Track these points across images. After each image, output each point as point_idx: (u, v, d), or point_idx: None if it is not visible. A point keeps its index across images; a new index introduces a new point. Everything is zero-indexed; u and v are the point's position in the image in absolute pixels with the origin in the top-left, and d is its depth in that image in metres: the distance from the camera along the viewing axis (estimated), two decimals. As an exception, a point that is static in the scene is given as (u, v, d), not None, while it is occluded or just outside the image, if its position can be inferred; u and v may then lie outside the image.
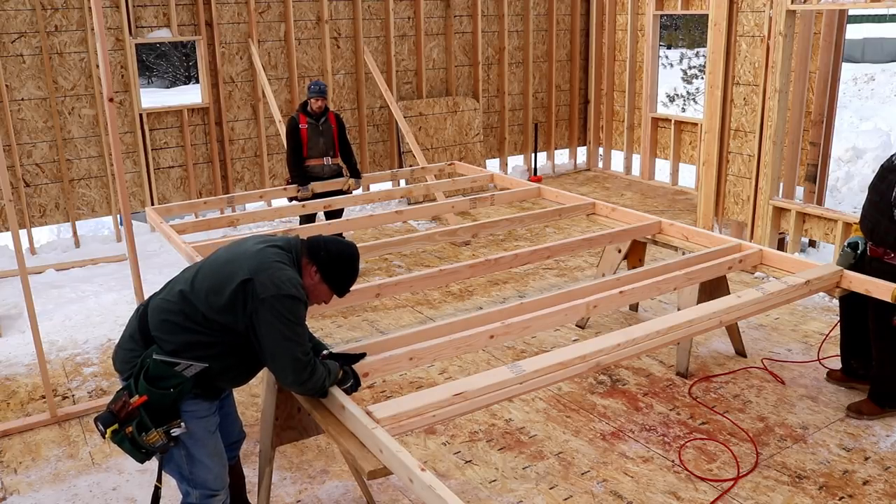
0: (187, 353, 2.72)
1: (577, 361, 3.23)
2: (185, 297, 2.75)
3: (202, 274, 2.79)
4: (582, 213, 5.68)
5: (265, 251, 2.77)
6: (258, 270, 2.67)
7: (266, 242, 2.84)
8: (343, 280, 2.89)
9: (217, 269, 2.78)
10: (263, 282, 2.64)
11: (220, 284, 2.70)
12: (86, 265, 7.08)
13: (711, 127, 7.11)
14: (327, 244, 2.86)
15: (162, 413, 2.69)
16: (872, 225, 4.01)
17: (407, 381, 4.72)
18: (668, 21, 24.50)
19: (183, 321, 2.72)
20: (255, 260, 2.72)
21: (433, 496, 2.32)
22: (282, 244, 2.84)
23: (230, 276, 2.70)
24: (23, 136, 7.15)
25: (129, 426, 2.65)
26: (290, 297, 2.66)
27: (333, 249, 2.85)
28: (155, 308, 2.81)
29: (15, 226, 4.13)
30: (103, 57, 4.07)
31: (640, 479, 3.70)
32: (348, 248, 2.91)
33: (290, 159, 6.46)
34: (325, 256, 2.81)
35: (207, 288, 2.73)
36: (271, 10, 8.25)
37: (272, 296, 2.63)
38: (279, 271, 2.68)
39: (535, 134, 10.37)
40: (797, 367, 4.77)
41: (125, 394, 2.70)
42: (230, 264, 2.75)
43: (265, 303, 2.63)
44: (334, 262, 2.83)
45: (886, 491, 3.57)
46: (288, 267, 2.74)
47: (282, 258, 2.76)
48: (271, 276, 2.66)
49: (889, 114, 16.54)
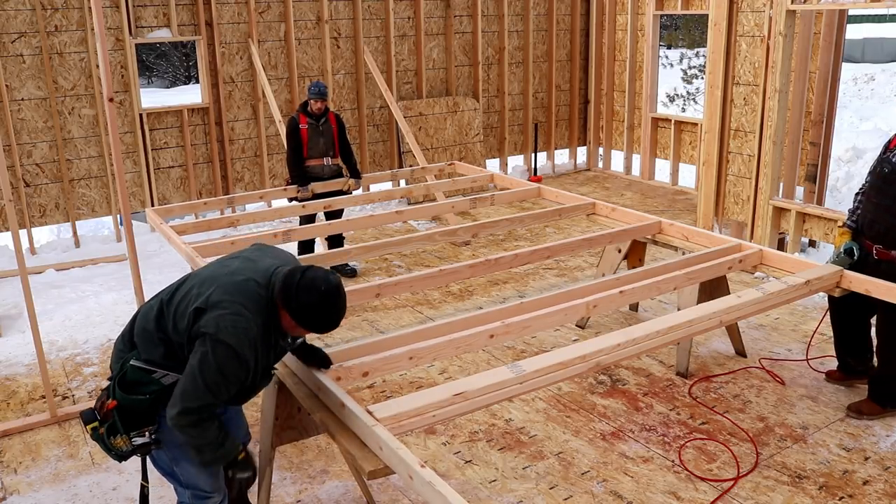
0: (162, 364, 2.67)
1: (577, 361, 3.23)
2: (162, 309, 2.68)
3: (184, 287, 2.70)
4: (582, 213, 5.68)
5: (238, 285, 2.60)
6: (214, 304, 2.54)
7: (246, 275, 2.64)
8: (319, 324, 2.64)
9: (193, 286, 2.67)
10: (210, 318, 2.52)
11: (188, 300, 2.61)
12: (86, 265, 7.08)
13: (711, 127, 7.11)
14: (298, 292, 2.56)
15: (136, 418, 2.66)
16: (884, 228, 3.99)
17: (407, 381, 4.72)
18: (668, 21, 24.50)
19: (157, 332, 2.67)
20: (220, 291, 2.57)
21: (433, 493, 2.32)
22: (261, 280, 2.63)
23: (194, 299, 2.59)
24: (23, 136, 7.15)
25: (103, 427, 2.66)
26: (223, 344, 2.49)
27: (304, 299, 2.57)
28: (142, 313, 2.77)
29: (15, 226, 4.13)
30: (103, 57, 4.07)
31: (640, 479, 3.70)
32: (322, 297, 2.58)
33: (290, 159, 6.46)
34: (297, 306, 2.57)
35: (179, 304, 2.64)
36: (271, 10, 8.25)
37: (209, 334, 2.49)
38: (230, 315, 2.51)
39: (535, 134, 10.37)
40: (797, 367, 4.77)
41: (105, 394, 2.70)
42: (203, 286, 2.63)
43: (201, 337, 2.51)
44: (306, 311, 2.58)
45: (886, 491, 3.57)
46: (246, 312, 2.54)
47: (248, 298, 2.57)
48: (219, 316, 2.51)
49: (889, 114, 16.53)
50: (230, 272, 2.67)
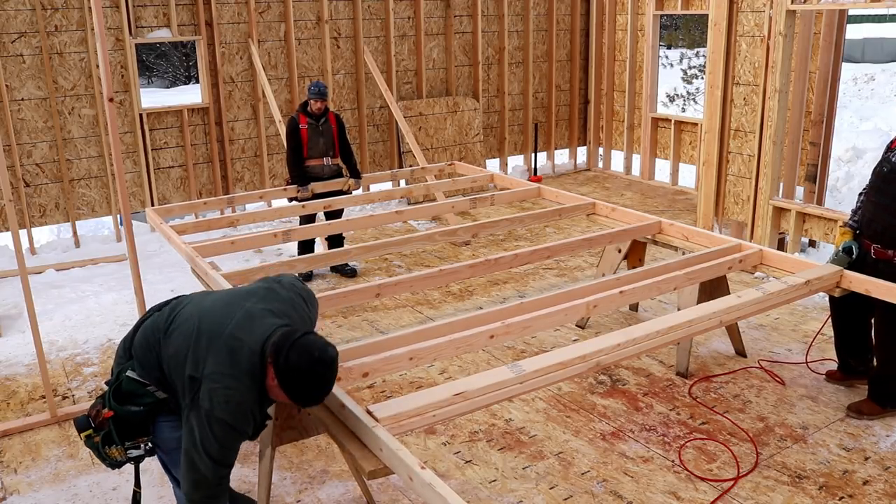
0: (157, 385, 2.67)
1: (577, 361, 3.23)
2: (159, 340, 2.64)
3: (182, 328, 2.61)
4: (582, 213, 5.68)
5: (233, 353, 2.50)
6: (208, 376, 2.47)
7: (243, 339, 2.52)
8: (300, 393, 2.51)
9: (191, 336, 2.56)
10: (204, 391, 2.47)
11: (181, 357, 2.55)
12: (86, 265, 7.08)
13: (711, 127, 7.11)
14: (289, 351, 2.45)
15: (132, 428, 2.66)
16: (882, 227, 4.00)
17: (407, 381, 4.72)
18: (668, 21, 24.50)
19: (155, 360, 2.65)
20: (214, 361, 2.49)
21: (433, 494, 2.32)
22: (256, 346, 2.52)
23: (190, 360, 2.53)
24: (23, 136, 7.15)
25: (98, 436, 2.65)
26: (219, 421, 2.45)
27: (293, 359, 2.45)
28: (145, 328, 2.73)
29: (15, 226, 4.13)
30: (103, 57, 4.07)
31: (640, 479, 3.70)
32: (312, 363, 2.46)
33: (290, 159, 6.46)
34: (284, 364, 2.45)
35: (176, 346, 2.58)
36: (271, 10, 8.25)
37: (205, 409, 2.45)
38: (223, 389, 2.45)
39: (535, 134, 10.37)
40: (797, 367, 4.77)
41: (100, 402, 2.68)
42: (199, 344, 2.53)
43: (197, 409, 2.48)
44: (291, 373, 2.46)
45: (886, 491, 3.57)
46: (240, 385, 2.47)
47: (242, 370, 2.49)
48: (212, 390, 2.45)
49: (889, 114, 16.53)
50: (229, 334, 2.53)
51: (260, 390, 2.55)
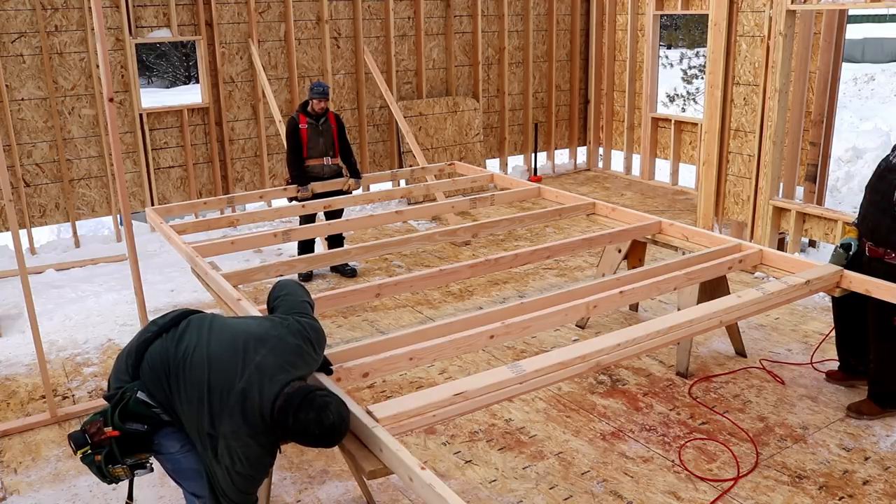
0: (163, 410, 2.72)
1: (578, 361, 3.23)
2: (167, 375, 2.68)
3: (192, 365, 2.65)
4: (582, 213, 5.68)
5: (245, 413, 2.57)
6: (227, 435, 2.57)
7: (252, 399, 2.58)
8: (311, 444, 2.64)
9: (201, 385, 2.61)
10: (224, 449, 2.58)
11: (194, 408, 2.62)
12: (86, 265, 7.08)
13: (711, 127, 7.11)
14: (294, 435, 2.59)
15: (134, 444, 2.68)
16: (873, 225, 4.02)
17: (407, 381, 4.72)
18: (668, 21, 24.50)
19: (163, 393, 2.69)
20: (228, 420, 2.57)
21: (433, 494, 2.32)
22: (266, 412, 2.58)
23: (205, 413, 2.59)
24: (23, 136, 7.15)
25: (99, 454, 2.64)
26: (241, 475, 2.60)
27: (300, 440, 2.61)
28: (152, 357, 2.73)
29: (15, 226, 4.13)
30: (103, 57, 4.07)
31: (640, 479, 3.70)
32: (315, 438, 2.58)
33: (289, 159, 6.46)
34: (292, 427, 2.56)
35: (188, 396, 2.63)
36: (271, 10, 8.25)
37: (227, 465, 2.59)
38: (242, 448, 2.58)
39: (535, 134, 10.37)
40: (797, 367, 4.77)
41: (101, 419, 2.67)
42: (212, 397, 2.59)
43: (220, 466, 2.61)
44: (298, 435, 2.58)
45: (886, 491, 3.57)
46: (255, 441, 2.59)
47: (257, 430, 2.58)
48: (230, 450, 2.57)
49: (889, 114, 16.54)
50: (240, 392, 2.58)
51: (274, 442, 2.68)
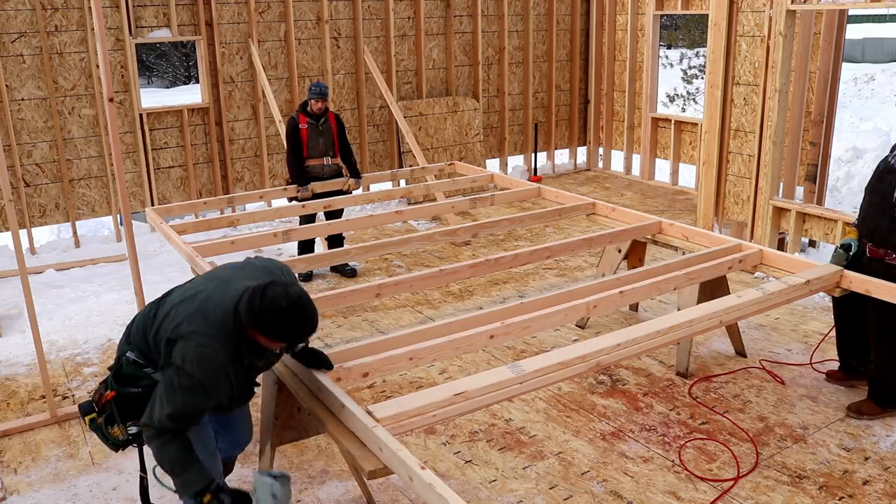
0: (154, 368, 2.79)
1: (578, 361, 3.23)
2: (154, 316, 2.78)
3: (167, 303, 2.77)
4: (582, 213, 5.68)
5: (207, 314, 2.62)
6: (183, 336, 2.60)
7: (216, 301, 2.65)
8: (293, 336, 2.62)
9: (172, 307, 2.72)
10: (178, 349, 2.59)
11: (162, 333, 2.68)
12: (86, 265, 7.08)
13: (711, 127, 7.11)
14: (263, 316, 2.55)
15: (132, 408, 2.77)
16: (873, 226, 4.02)
17: (407, 381, 4.72)
18: (668, 21, 24.50)
19: (145, 339, 2.80)
20: (188, 322, 2.62)
21: (433, 494, 2.32)
22: (229, 307, 2.64)
23: (168, 327, 2.66)
24: (23, 136, 7.15)
25: (101, 418, 2.78)
26: (187, 375, 2.56)
27: (269, 321, 2.56)
28: (141, 314, 2.90)
29: (15, 226, 4.13)
30: (103, 57, 4.07)
31: (640, 479, 3.70)
32: (285, 313, 2.55)
33: (289, 159, 6.46)
34: (266, 328, 2.57)
35: (160, 322, 2.72)
36: (271, 10, 8.25)
37: (176, 365, 2.57)
38: (195, 347, 2.57)
39: (535, 134, 10.37)
40: (797, 367, 4.77)
41: (103, 387, 2.83)
42: (178, 310, 2.67)
43: (170, 366, 2.60)
44: (275, 330, 2.57)
45: (886, 491, 3.57)
46: (213, 343, 2.58)
47: (216, 328, 2.60)
48: (185, 348, 2.57)
49: (889, 114, 16.54)
50: (203, 298, 2.68)
51: (235, 351, 2.64)
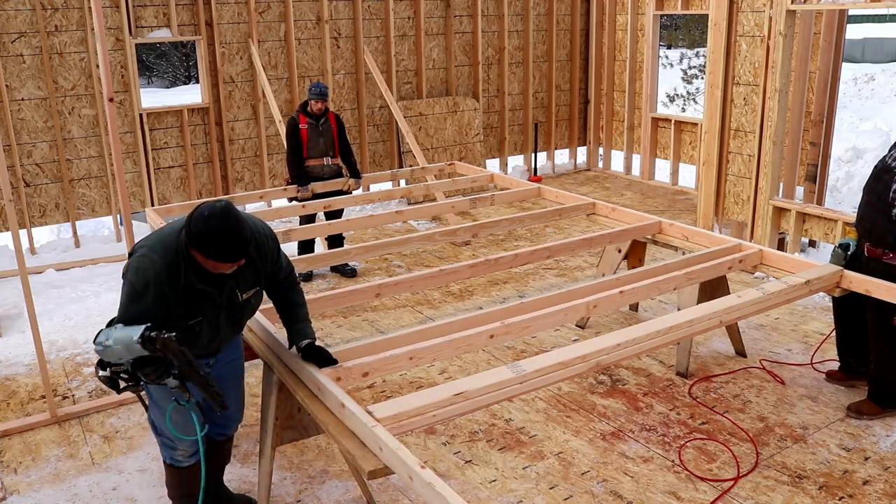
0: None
1: (578, 361, 3.23)
2: None
3: None
4: (582, 213, 5.68)
5: (159, 233, 2.87)
6: (133, 251, 2.85)
7: (173, 225, 2.89)
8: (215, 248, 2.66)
9: None
10: (128, 261, 2.85)
11: None
12: (86, 265, 7.08)
13: (711, 127, 7.11)
14: (191, 225, 2.67)
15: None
16: (870, 225, 4.02)
17: (407, 381, 4.72)
18: (668, 21, 24.50)
19: None
20: (143, 240, 2.87)
21: (433, 493, 2.32)
22: (179, 226, 2.82)
23: None
24: (23, 136, 7.15)
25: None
26: (126, 281, 2.79)
27: (195, 229, 2.66)
28: None
29: (15, 226, 4.13)
30: (103, 57, 4.07)
31: (640, 479, 3.70)
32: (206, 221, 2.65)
33: (289, 160, 6.46)
34: (193, 239, 2.67)
35: None
36: (271, 10, 8.25)
37: (123, 273, 2.82)
38: (137, 258, 2.80)
39: (535, 134, 10.37)
40: (796, 367, 4.77)
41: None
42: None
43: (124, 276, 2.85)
44: (200, 240, 2.66)
45: (886, 491, 3.57)
46: (152, 254, 2.78)
47: (160, 243, 2.80)
48: (131, 260, 2.82)
49: (889, 114, 16.54)
50: (170, 225, 2.92)
51: (171, 266, 2.76)
